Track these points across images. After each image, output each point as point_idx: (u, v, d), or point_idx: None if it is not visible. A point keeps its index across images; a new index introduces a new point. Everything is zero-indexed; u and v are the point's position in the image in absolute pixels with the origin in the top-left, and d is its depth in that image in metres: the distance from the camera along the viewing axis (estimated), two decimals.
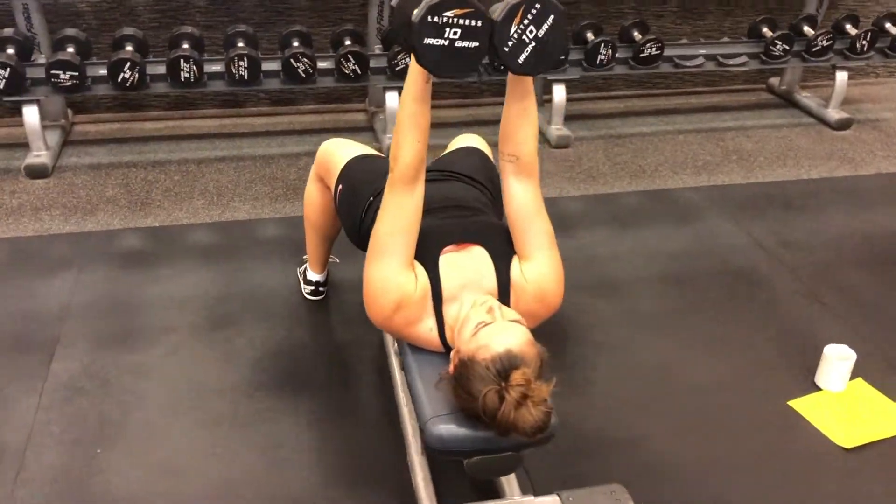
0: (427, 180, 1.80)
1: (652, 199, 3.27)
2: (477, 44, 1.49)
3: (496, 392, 1.41)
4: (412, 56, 1.53)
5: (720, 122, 4.01)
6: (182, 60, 3.17)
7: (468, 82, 3.84)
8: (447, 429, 1.51)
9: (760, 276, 2.79)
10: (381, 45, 3.55)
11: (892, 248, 2.99)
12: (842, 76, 3.92)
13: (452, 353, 1.54)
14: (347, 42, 3.44)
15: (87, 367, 2.22)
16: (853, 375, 2.29)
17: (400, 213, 1.62)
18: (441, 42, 1.47)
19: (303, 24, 3.57)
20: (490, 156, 2.24)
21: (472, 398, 1.45)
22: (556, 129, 3.68)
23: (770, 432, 2.12)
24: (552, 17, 1.50)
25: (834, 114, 3.97)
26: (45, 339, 2.32)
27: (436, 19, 1.45)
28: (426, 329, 1.64)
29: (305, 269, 2.55)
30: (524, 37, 1.51)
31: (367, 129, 3.78)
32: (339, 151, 2.19)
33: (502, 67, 1.58)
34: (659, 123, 3.96)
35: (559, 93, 3.63)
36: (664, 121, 3.99)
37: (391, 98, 3.49)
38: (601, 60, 3.58)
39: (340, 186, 2.08)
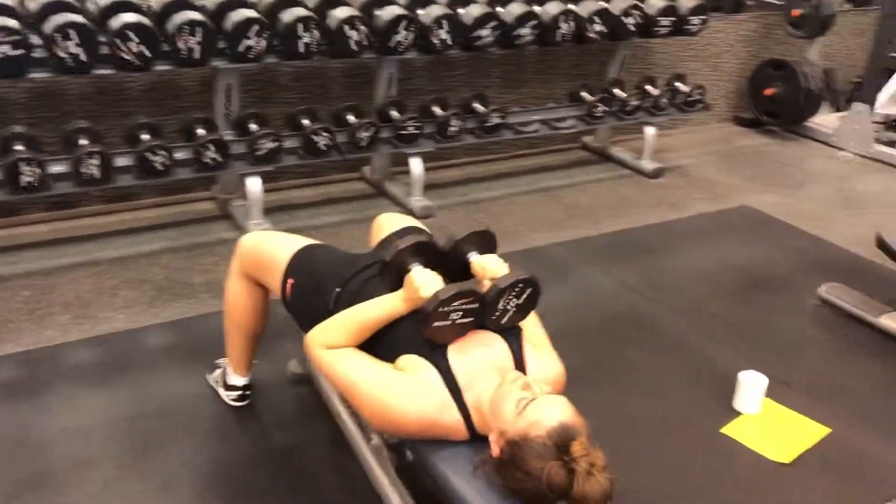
0: None
1: (523, 258, 3.42)
2: (472, 318, 1.68)
3: (561, 466, 1.41)
4: (400, 297, 1.72)
5: (553, 180, 4.29)
6: (23, 163, 2.85)
7: (325, 161, 3.79)
8: None
9: (645, 318, 3.01)
10: (232, 132, 3.42)
11: (741, 275, 3.37)
12: (650, 131, 4.38)
13: (494, 436, 1.52)
14: (201, 130, 3.29)
15: None
16: None
17: (347, 353, 1.70)
18: (446, 323, 1.65)
19: (139, 115, 3.36)
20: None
21: (530, 476, 1.44)
22: (418, 201, 3.75)
23: (715, 461, 2.29)
24: (530, 290, 1.73)
25: (648, 165, 4.41)
26: None
27: (444, 308, 1.63)
28: (453, 421, 1.60)
29: (223, 374, 2.37)
30: (508, 307, 1.70)
31: (221, 218, 3.60)
32: (275, 244, 2.09)
33: None
34: (501, 187, 4.16)
35: (416, 165, 3.71)
36: (505, 184, 4.21)
37: (252, 183, 3.37)
38: (452, 132, 3.72)
39: (291, 280, 1.98)
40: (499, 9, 3.77)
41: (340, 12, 3.36)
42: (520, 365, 1.70)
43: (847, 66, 5.86)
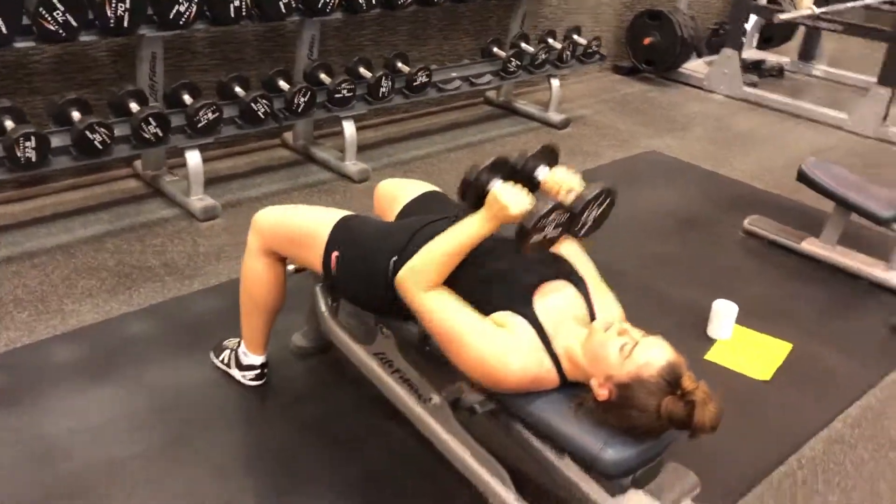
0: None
1: None
2: (561, 229, 1.75)
3: (677, 398, 1.54)
4: (482, 217, 1.74)
5: (471, 136, 4.38)
6: None
7: (258, 130, 3.63)
8: (618, 451, 1.59)
9: (598, 262, 3.16)
10: (163, 104, 3.23)
11: (669, 216, 3.64)
12: (556, 83, 4.56)
13: (599, 381, 1.61)
14: (134, 105, 3.08)
15: None
16: None
17: (450, 300, 1.73)
18: (540, 237, 1.70)
19: (48, 91, 3.12)
20: None
21: (645, 412, 1.55)
22: (353, 165, 3.72)
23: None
24: (609, 200, 1.82)
25: (555, 116, 4.59)
26: None
27: (541, 223, 1.68)
28: (545, 371, 1.68)
29: (235, 355, 2.30)
30: (589, 218, 1.78)
31: (151, 196, 3.40)
32: (307, 218, 2.05)
33: None
34: (424, 145, 4.20)
35: (349, 128, 3.68)
36: (426, 142, 4.24)
37: (192, 157, 3.22)
38: (383, 93, 3.71)
39: (336, 253, 1.95)
40: None
41: None
42: (591, 312, 1.79)
43: (703, 13, 6.31)
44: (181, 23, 3.05)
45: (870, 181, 3.29)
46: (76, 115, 2.95)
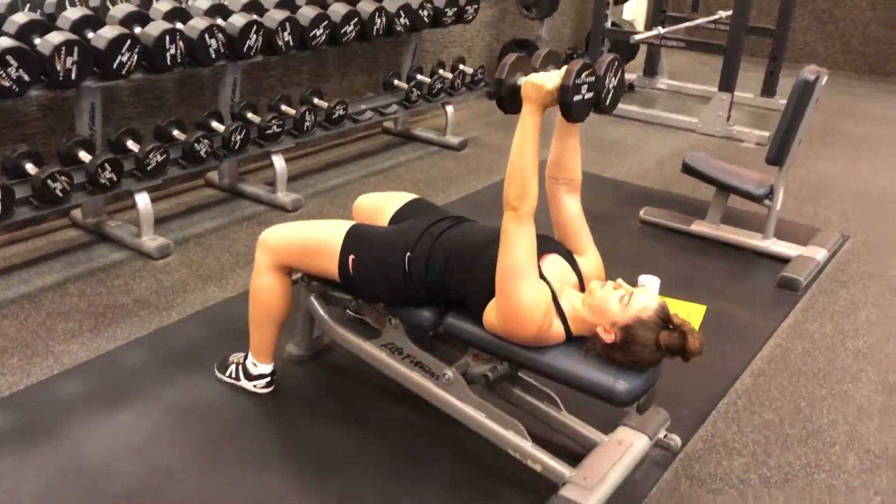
0: (457, 224, 2.18)
1: None
2: (592, 94, 2.00)
3: (671, 331, 1.93)
4: (528, 110, 1.99)
5: (381, 163, 4.69)
6: None
7: (194, 171, 3.78)
8: (626, 383, 1.96)
9: None
10: (102, 150, 3.34)
11: None
12: (451, 109, 4.97)
13: (605, 327, 1.96)
14: (83, 153, 3.19)
15: None
16: None
17: (530, 240, 1.98)
18: (579, 97, 1.96)
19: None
20: None
21: (647, 347, 1.93)
22: (286, 196, 3.94)
23: None
24: (619, 68, 2.08)
25: (453, 139, 5.00)
26: None
27: (577, 81, 1.93)
28: (556, 326, 2.02)
29: (243, 367, 2.50)
30: (610, 85, 2.05)
31: (96, 242, 3.47)
32: (318, 230, 2.32)
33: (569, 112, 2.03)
34: (341, 174, 4.47)
35: (279, 162, 3.91)
36: (342, 171, 4.51)
37: (142, 199, 3.35)
38: (307, 127, 3.97)
39: (353, 256, 2.22)
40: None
41: (199, 22, 3.45)
42: (580, 279, 2.15)
43: (556, 39, 6.97)
44: (123, 73, 3.20)
45: (739, 167, 3.89)
46: (30, 166, 3.03)
